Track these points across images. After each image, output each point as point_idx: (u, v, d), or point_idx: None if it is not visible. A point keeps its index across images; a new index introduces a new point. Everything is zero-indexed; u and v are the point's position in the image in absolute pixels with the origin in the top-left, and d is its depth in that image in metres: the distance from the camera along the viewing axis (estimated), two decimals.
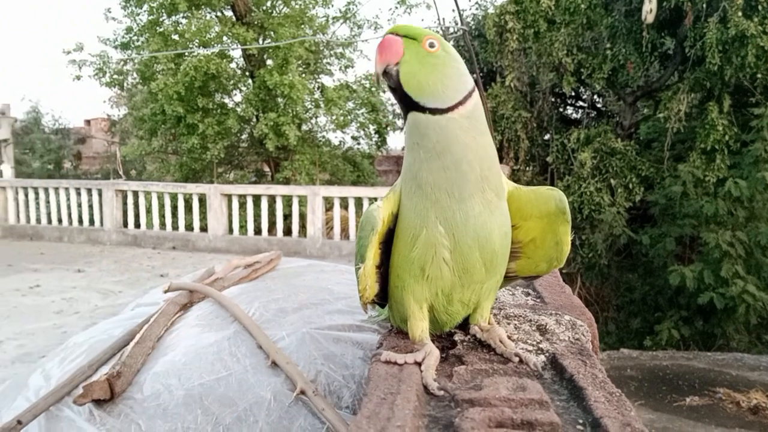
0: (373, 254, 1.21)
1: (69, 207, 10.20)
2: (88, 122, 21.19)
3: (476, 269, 1.19)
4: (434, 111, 1.14)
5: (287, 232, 9.38)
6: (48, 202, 10.31)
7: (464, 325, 1.33)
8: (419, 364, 1.14)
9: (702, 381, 6.26)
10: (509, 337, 1.28)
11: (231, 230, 9.47)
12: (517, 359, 1.18)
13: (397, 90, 1.17)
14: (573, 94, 11.77)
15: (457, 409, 0.98)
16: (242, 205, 9.54)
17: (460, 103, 1.15)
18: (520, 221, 1.28)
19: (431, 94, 1.14)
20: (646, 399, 5.76)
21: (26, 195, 10.46)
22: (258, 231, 9.35)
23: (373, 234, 1.19)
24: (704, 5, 8.26)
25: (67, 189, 10.25)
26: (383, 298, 1.32)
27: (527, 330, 1.36)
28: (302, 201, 9.31)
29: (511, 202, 1.27)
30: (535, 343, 1.29)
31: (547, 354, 1.23)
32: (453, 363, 1.21)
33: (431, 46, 1.15)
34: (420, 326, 1.22)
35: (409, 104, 1.16)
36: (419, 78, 1.15)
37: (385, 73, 1.16)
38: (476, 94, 1.19)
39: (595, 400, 0.98)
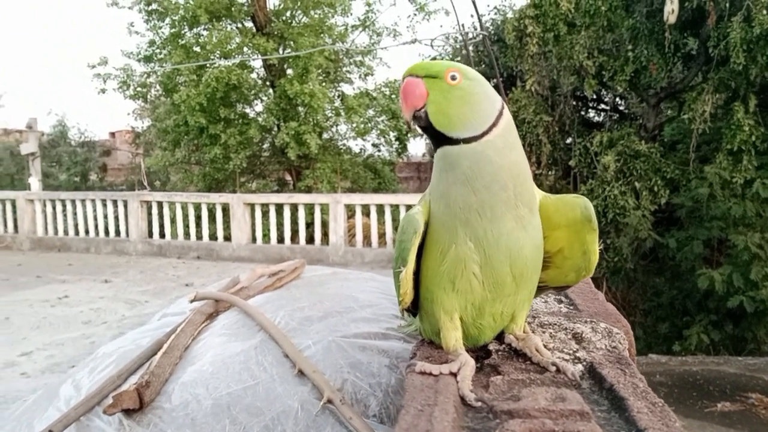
0: (413, 258, 1.19)
1: (95, 218, 10.35)
2: (112, 134, 21.54)
3: (507, 283, 1.17)
4: (468, 140, 1.13)
5: (310, 240, 9.42)
6: (75, 213, 10.48)
7: (499, 335, 1.31)
8: (455, 375, 1.13)
9: (733, 386, 6.13)
10: (545, 346, 1.26)
11: (254, 239, 9.53)
12: (554, 368, 1.16)
13: (429, 129, 1.16)
14: (595, 96, 11.67)
15: (496, 421, 0.97)
16: (265, 214, 9.60)
17: (493, 125, 1.14)
18: (548, 231, 1.26)
19: (463, 126, 1.13)
20: (676, 405, 5.65)
21: (54, 207, 10.64)
22: (281, 239, 9.40)
23: (416, 237, 1.18)
24: (727, 4, 8.15)
25: (93, 201, 10.41)
26: (414, 306, 1.31)
27: (563, 338, 1.34)
28: (324, 209, 9.34)
29: (540, 212, 1.25)
30: (571, 351, 1.27)
31: (584, 363, 1.21)
32: (489, 373, 1.19)
33: (453, 78, 1.14)
34: (453, 336, 1.21)
35: (442, 140, 1.15)
36: (449, 114, 1.13)
37: (415, 117, 1.15)
38: (506, 110, 1.18)
39: (638, 410, 0.95)
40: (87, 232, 10.39)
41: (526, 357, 1.23)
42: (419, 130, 1.20)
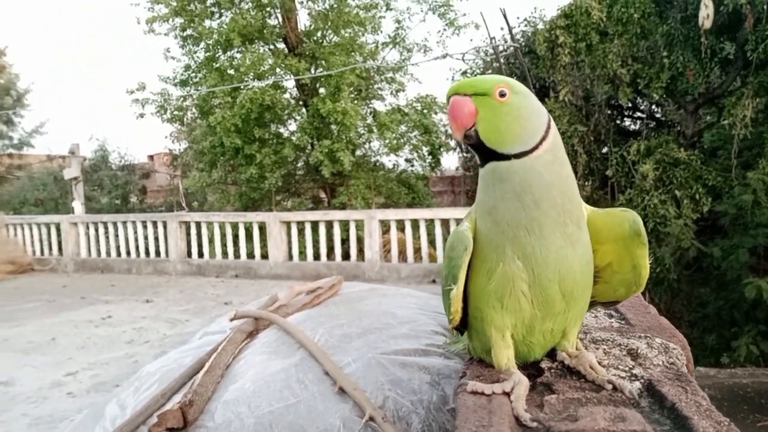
0: (463, 275, 1.18)
1: (136, 240, 10.58)
2: (151, 157, 22.05)
3: (556, 301, 1.16)
4: (518, 155, 1.12)
5: (345, 256, 9.44)
6: (117, 235, 10.73)
7: (551, 352, 1.29)
8: (508, 395, 1.11)
9: None
10: (599, 363, 1.23)
11: (291, 256, 9.60)
12: (610, 386, 1.13)
13: (479, 147, 1.15)
14: (630, 105, 11.49)
15: None
16: (301, 232, 9.67)
17: (543, 139, 1.13)
18: (596, 245, 1.23)
19: (514, 142, 1.12)
20: None
21: (96, 230, 10.92)
22: (317, 256, 9.45)
23: (466, 254, 1.17)
24: (765, 6, 7.98)
25: (134, 222, 10.65)
26: (462, 324, 1.30)
27: (617, 355, 1.31)
28: (359, 225, 9.36)
29: (588, 226, 1.23)
30: (627, 368, 1.24)
31: (641, 380, 1.17)
32: (542, 392, 1.16)
33: (502, 95, 1.12)
34: (505, 354, 1.19)
35: (492, 156, 1.14)
36: (500, 130, 1.12)
37: (466, 135, 1.14)
38: (552, 123, 1.17)
39: (704, 430, 0.92)
40: (128, 253, 10.62)
41: (580, 375, 1.20)
42: (469, 149, 1.18)
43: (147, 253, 10.53)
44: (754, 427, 5.34)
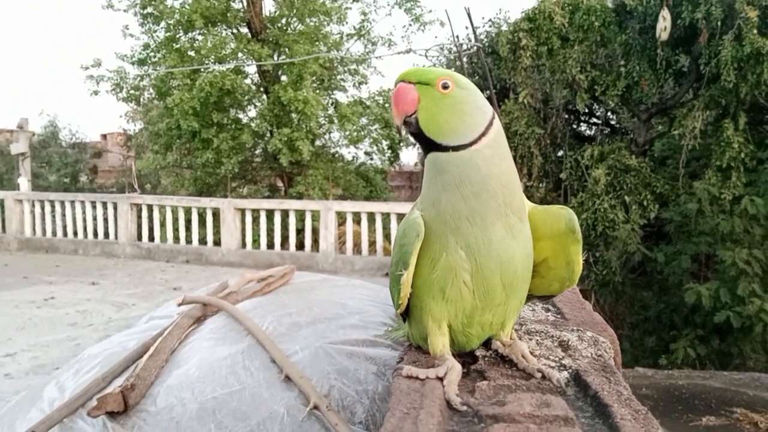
0: (414, 261, 1.20)
1: (84, 220, 10.29)
2: (104, 136, 21.45)
3: (497, 292, 1.18)
4: (457, 148, 1.14)
5: (300, 246, 9.40)
6: (64, 215, 10.41)
7: (486, 341, 1.32)
8: (441, 379, 1.13)
9: (719, 401, 6.15)
10: (531, 353, 1.27)
11: (244, 244, 9.51)
12: (539, 375, 1.17)
13: (419, 135, 1.17)
14: (587, 110, 11.73)
15: (481, 425, 0.97)
16: (255, 220, 9.58)
17: (483, 134, 1.15)
18: (534, 241, 1.26)
19: (453, 134, 1.14)
20: (661, 418, 5.67)
21: (42, 208, 10.57)
22: (271, 245, 9.38)
23: (418, 240, 1.18)
24: (719, 23, 8.24)
25: (82, 202, 10.36)
26: (405, 311, 1.32)
27: (549, 346, 1.35)
28: (315, 216, 9.33)
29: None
30: (557, 359, 1.28)
31: (570, 370, 1.22)
32: (475, 378, 1.20)
33: (445, 87, 1.15)
34: (441, 341, 1.22)
35: (432, 146, 1.17)
36: (439, 121, 1.15)
37: (405, 122, 1.16)
38: (496, 120, 1.19)
39: (622, 417, 0.96)
40: (75, 233, 10.32)
41: (512, 363, 1.24)
42: (410, 136, 1.21)
43: (95, 234, 10.27)
44: (686, 427, 5.55)
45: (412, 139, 1.22)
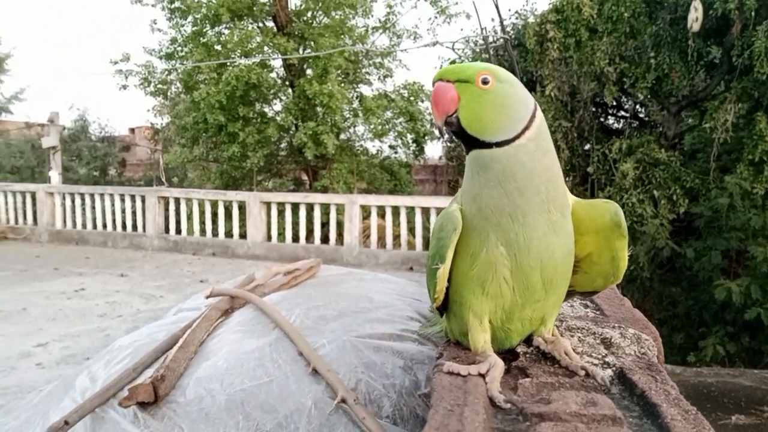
0: (451, 255, 1.18)
1: (113, 213, 10.46)
2: (132, 130, 21.74)
3: (537, 288, 1.17)
4: (500, 144, 1.12)
5: (325, 239, 9.43)
6: (93, 207, 10.59)
7: (527, 337, 1.30)
8: (483, 376, 1.12)
9: (748, 399, 6.04)
10: (574, 350, 1.25)
11: (269, 237, 9.57)
12: (583, 373, 1.15)
13: (461, 134, 1.15)
14: (615, 103, 11.57)
15: (527, 423, 0.96)
16: (281, 213, 9.63)
17: (526, 128, 1.13)
18: (577, 236, 1.23)
19: (496, 130, 1.12)
20: None
21: (73, 201, 10.77)
22: (296, 238, 9.42)
23: (455, 234, 1.17)
24: (752, 13, 8.04)
25: (111, 195, 10.52)
26: (443, 306, 1.30)
27: (591, 343, 1.33)
28: (340, 209, 9.35)
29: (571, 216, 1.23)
30: (600, 356, 1.26)
31: (613, 368, 1.20)
32: (517, 375, 1.18)
33: (485, 82, 1.12)
34: (482, 337, 1.21)
35: (474, 143, 1.14)
36: (481, 118, 1.12)
37: (447, 122, 1.14)
38: (539, 112, 1.17)
39: (672, 418, 0.94)
40: (105, 226, 10.49)
41: (554, 360, 1.23)
42: (451, 135, 1.19)
43: (124, 226, 10.43)
44: (715, 425, 5.43)
45: (446, 137, 1.19)
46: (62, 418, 1.73)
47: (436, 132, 13.84)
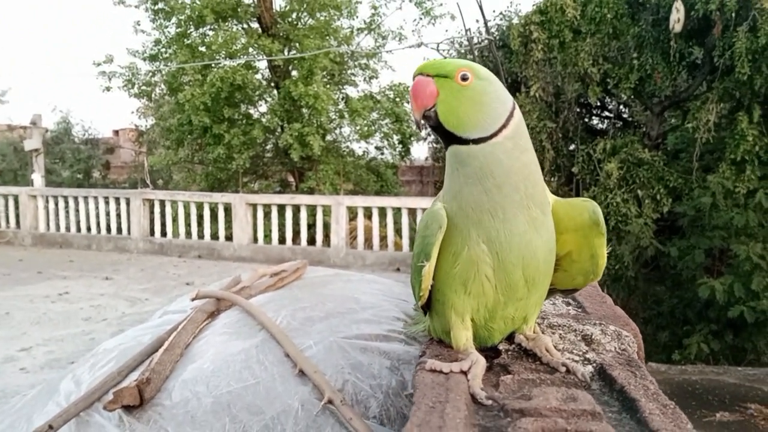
0: (436, 253, 1.19)
1: (97, 215, 10.36)
2: (116, 132, 21.56)
3: (519, 286, 1.18)
4: (477, 141, 1.13)
5: (311, 241, 9.42)
6: (77, 210, 10.48)
7: (509, 335, 1.31)
8: (465, 373, 1.13)
9: (732, 396, 6.11)
10: (555, 347, 1.26)
11: (256, 239, 9.53)
12: (564, 369, 1.17)
13: (439, 129, 1.16)
14: (599, 104, 11.66)
15: (508, 419, 0.97)
16: (267, 215, 9.60)
17: (503, 126, 1.14)
18: (557, 234, 1.25)
19: (473, 126, 1.13)
20: None
21: (56, 203, 10.66)
22: (282, 240, 9.40)
23: (440, 232, 1.17)
24: (733, 14, 8.14)
25: (95, 198, 10.43)
26: (428, 305, 1.31)
27: (572, 340, 1.35)
28: (326, 210, 9.34)
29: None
30: (581, 353, 1.28)
31: (594, 364, 1.22)
32: (498, 372, 1.20)
33: (464, 78, 1.13)
34: (464, 335, 1.22)
35: (452, 139, 1.15)
36: (458, 114, 1.13)
37: (425, 116, 1.15)
38: (517, 111, 1.18)
39: (650, 412, 0.95)
40: (89, 229, 10.40)
41: (535, 357, 1.24)
42: (428, 129, 1.20)
43: (108, 229, 10.33)
44: (700, 422, 5.51)
45: (427, 133, 1.20)
46: (47, 422, 1.72)
47: (414, 126, 13.94)
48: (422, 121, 1.16)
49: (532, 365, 1.21)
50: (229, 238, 9.66)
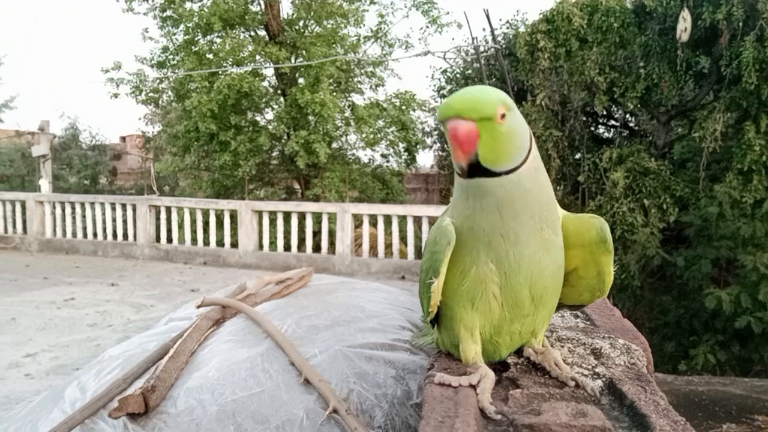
0: (445, 269, 1.17)
1: (104, 221, 10.40)
2: (123, 139, 21.67)
3: (525, 304, 1.17)
4: (507, 171, 1.10)
5: (316, 248, 9.42)
6: (84, 216, 10.53)
7: (518, 349, 1.31)
8: (474, 387, 1.12)
9: (739, 408, 6.06)
10: (564, 361, 1.26)
11: (261, 246, 9.54)
12: (573, 383, 1.16)
13: (473, 167, 1.10)
14: (605, 113, 11.65)
15: None
16: (272, 222, 9.61)
17: (529, 151, 1.12)
18: (564, 249, 1.24)
19: (508, 160, 1.10)
20: None
21: (63, 209, 10.70)
22: (288, 247, 9.40)
23: (449, 248, 1.16)
24: (740, 24, 8.14)
25: (102, 204, 10.47)
26: (434, 318, 1.30)
27: (581, 353, 1.34)
28: (332, 218, 9.35)
29: None
30: (590, 367, 1.27)
31: (603, 378, 1.21)
32: (507, 386, 1.19)
33: (502, 117, 1.07)
34: (473, 349, 1.21)
35: (482, 172, 1.10)
36: (498, 152, 1.08)
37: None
38: (532, 139, 1.16)
39: (661, 428, 0.95)
40: (95, 235, 10.43)
41: (544, 371, 1.23)
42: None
43: (114, 235, 10.37)
44: None
45: (433, 141, 1.17)
46: (51, 430, 1.72)
47: (429, 142, 13.91)
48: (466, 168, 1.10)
49: (541, 379, 1.21)
50: (234, 244, 9.68)
